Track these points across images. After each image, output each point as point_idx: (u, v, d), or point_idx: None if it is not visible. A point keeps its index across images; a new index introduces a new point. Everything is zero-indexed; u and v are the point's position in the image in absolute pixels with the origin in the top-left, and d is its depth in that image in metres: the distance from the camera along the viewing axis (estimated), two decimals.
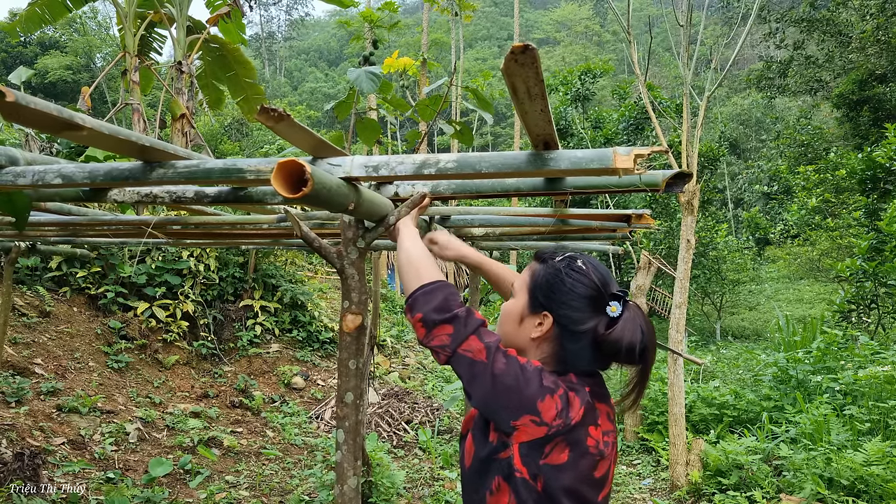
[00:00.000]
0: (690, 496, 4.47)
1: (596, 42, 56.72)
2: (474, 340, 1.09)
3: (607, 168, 1.11)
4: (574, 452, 1.09)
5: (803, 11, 17.37)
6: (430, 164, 1.21)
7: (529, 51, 0.88)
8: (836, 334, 6.25)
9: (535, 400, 1.06)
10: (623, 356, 1.12)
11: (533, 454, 1.08)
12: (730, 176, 27.34)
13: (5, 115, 0.94)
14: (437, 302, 1.12)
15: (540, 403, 1.06)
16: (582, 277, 1.16)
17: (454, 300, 1.13)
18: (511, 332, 1.23)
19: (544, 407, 1.06)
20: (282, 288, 7.53)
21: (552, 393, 1.07)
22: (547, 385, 1.08)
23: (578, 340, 1.15)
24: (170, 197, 1.51)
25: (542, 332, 1.17)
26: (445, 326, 1.09)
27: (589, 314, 1.15)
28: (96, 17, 33.19)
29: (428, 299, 1.13)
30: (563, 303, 1.16)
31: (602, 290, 1.16)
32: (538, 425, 1.06)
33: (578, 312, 1.15)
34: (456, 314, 1.10)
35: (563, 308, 1.15)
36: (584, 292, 1.15)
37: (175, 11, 8.11)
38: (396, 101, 3.62)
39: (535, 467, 1.08)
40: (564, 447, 1.09)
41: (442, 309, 1.11)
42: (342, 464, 1.44)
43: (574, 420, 1.08)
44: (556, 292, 1.17)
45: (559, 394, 1.08)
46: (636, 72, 5.18)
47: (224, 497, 4.12)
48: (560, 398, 1.08)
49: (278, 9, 76.11)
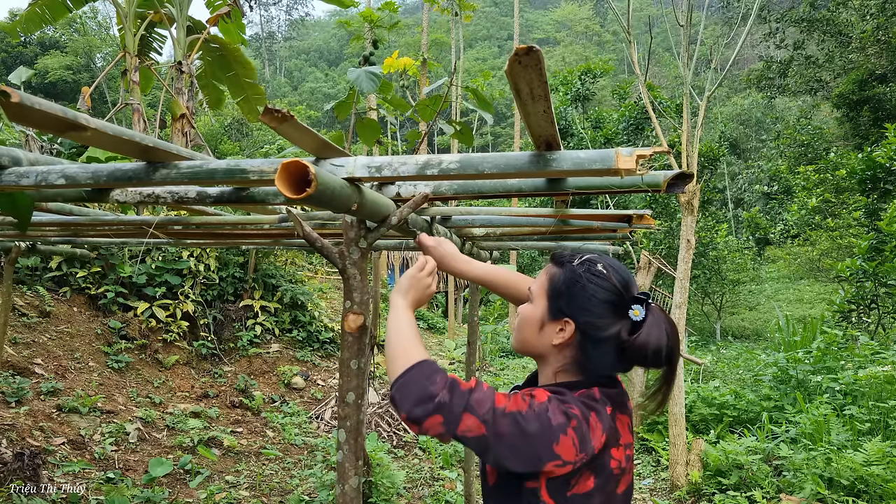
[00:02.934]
0: (690, 496, 4.47)
1: (596, 42, 56.73)
2: (468, 418, 1.00)
3: (609, 169, 1.11)
4: (600, 479, 1.07)
5: (803, 11, 17.37)
6: (432, 164, 1.21)
7: (533, 52, 0.88)
8: (836, 334, 6.25)
9: (551, 446, 1.01)
10: (650, 360, 1.09)
11: (560, 487, 1.05)
12: (730, 176, 27.35)
13: (11, 115, 0.94)
14: (416, 394, 1.02)
15: (556, 447, 1.01)
16: (603, 282, 1.12)
17: (432, 382, 1.03)
18: (531, 338, 1.19)
19: (562, 449, 1.01)
20: (282, 288, 7.53)
21: (565, 429, 1.02)
22: (558, 423, 1.02)
23: (602, 346, 1.11)
24: (172, 197, 1.52)
25: (563, 338, 1.14)
26: (434, 417, 1.00)
27: (611, 319, 1.11)
28: (96, 17, 33.19)
29: (406, 393, 1.03)
30: (584, 309, 1.12)
31: (624, 293, 1.12)
32: (562, 466, 1.02)
33: (601, 318, 1.11)
34: (438, 402, 1.00)
35: (585, 314, 1.11)
36: (605, 297, 1.11)
37: (175, 11, 8.11)
38: (396, 101, 3.63)
39: (563, 499, 1.05)
40: (590, 475, 1.06)
41: (423, 400, 1.01)
42: (343, 463, 1.44)
43: (597, 448, 1.05)
44: (576, 298, 1.12)
45: (573, 426, 1.03)
46: (636, 72, 5.18)
47: (224, 497, 4.12)
48: (575, 430, 1.02)
49: (278, 9, 76.15)
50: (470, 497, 3.51)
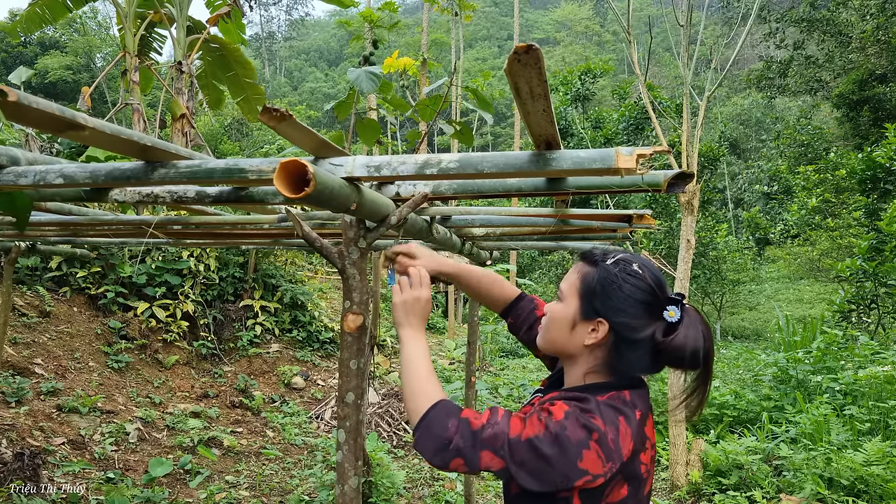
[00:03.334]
0: (690, 496, 4.47)
1: (596, 42, 56.75)
2: (486, 455, 1.01)
3: (610, 168, 1.10)
4: (632, 486, 1.06)
5: (803, 11, 17.37)
6: (432, 164, 1.20)
7: (533, 51, 0.88)
8: (836, 334, 6.25)
9: (575, 464, 0.99)
10: (687, 362, 1.07)
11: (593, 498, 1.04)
12: (730, 176, 27.35)
13: (8, 114, 0.94)
14: (434, 444, 1.04)
15: (581, 464, 0.99)
16: (639, 282, 1.10)
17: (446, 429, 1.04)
18: (561, 338, 1.17)
19: (588, 464, 0.99)
20: (282, 288, 7.53)
21: (587, 443, 0.99)
22: (577, 439, 0.99)
23: (637, 348, 1.09)
24: (171, 197, 1.51)
25: (596, 339, 1.12)
26: (456, 460, 1.03)
27: (647, 320, 1.09)
28: (96, 17, 33.19)
29: (425, 444, 1.05)
30: (619, 310, 1.09)
31: (659, 294, 1.10)
32: (593, 481, 1.00)
33: (637, 319, 1.09)
34: (455, 448, 1.02)
35: (621, 315, 1.09)
36: (641, 298, 1.09)
37: (175, 11, 8.10)
38: (396, 101, 3.62)
39: None
40: (623, 484, 1.05)
41: (440, 449, 1.03)
42: (343, 464, 1.44)
43: (626, 456, 1.03)
44: (612, 298, 1.10)
45: (594, 439, 1.00)
46: (636, 72, 5.18)
47: (224, 497, 4.12)
48: (598, 443, 1.00)
49: (278, 9, 76.17)
50: (470, 497, 3.50)
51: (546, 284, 16.64)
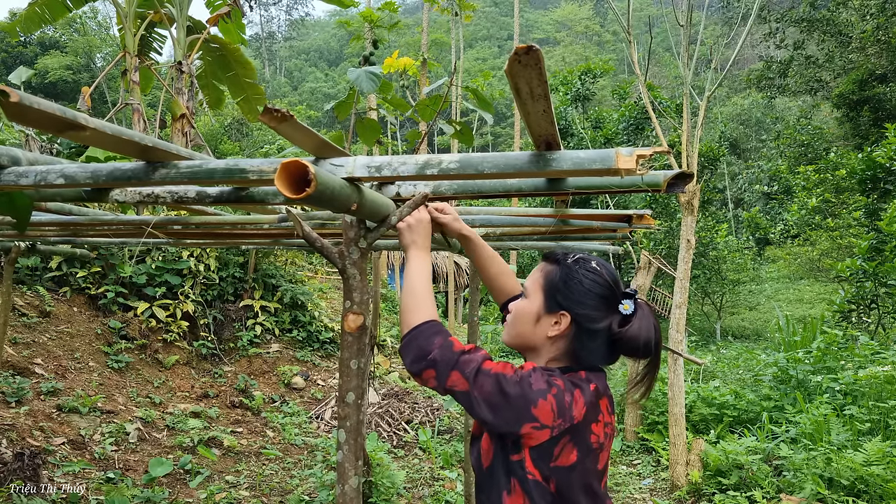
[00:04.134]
0: (690, 496, 4.47)
1: (596, 42, 56.76)
2: (455, 375, 1.13)
3: (610, 169, 1.11)
4: (581, 452, 1.15)
5: (803, 11, 17.38)
6: (432, 164, 1.20)
7: (533, 52, 0.88)
8: (836, 334, 6.25)
9: (529, 408, 1.09)
10: (641, 351, 1.19)
11: (543, 457, 1.12)
12: (730, 176, 27.35)
13: (10, 115, 0.94)
14: (415, 352, 1.17)
15: (534, 409, 1.09)
16: (597, 277, 1.22)
17: (430, 343, 1.17)
18: (526, 332, 1.28)
19: (540, 412, 1.09)
20: (282, 288, 7.52)
21: (545, 394, 1.10)
22: (538, 388, 1.11)
23: (595, 338, 1.21)
24: (171, 197, 1.51)
25: (559, 330, 1.22)
26: (428, 371, 1.15)
27: (604, 312, 1.21)
28: (96, 17, 33.20)
29: (408, 350, 1.19)
30: (580, 302, 1.21)
31: (615, 289, 1.22)
32: (540, 430, 1.10)
33: (595, 311, 1.20)
34: (432, 359, 1.15)
35: (581, 307, 1.21)
36: (600, 292, 1.21)
37: (175, 11, 8.10)
38: (396, 101, 3.62)
39: (547, 469, 1.12)
40: (572, 448, 1.14)
41: (420, 358, 1.16)
42: (343, 464, 1.44)
43: (577, 419, 1.13)
44: (573, 292, 1.22)
45: (553, 393, 1.11)
46: (636, 72, 5.18)
47: (224, 497, 4.12)
48: (555, 397, 1.11)
49: (278, 9, 76.17)
50: (470, 497, 3.50)
51: None
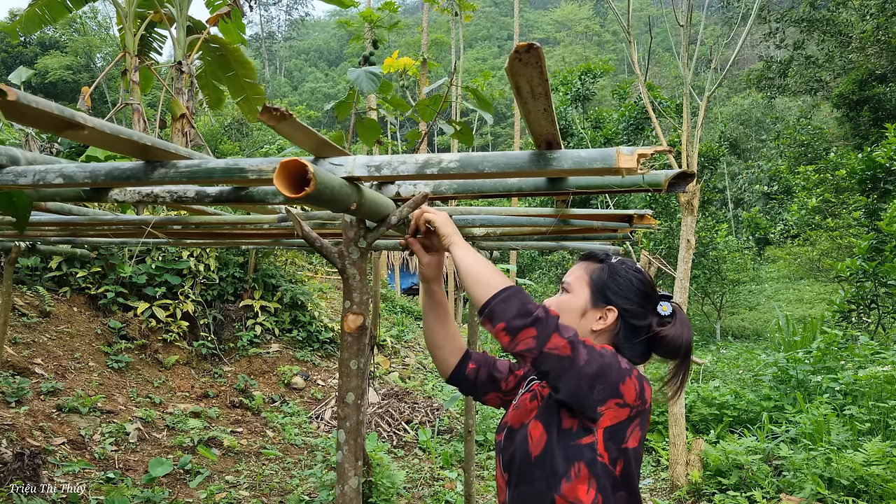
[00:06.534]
0: (690, 496, 4.47)
1: (596, 42, 56.76)
2: (557, 338, 1.11)
3: (610, 168, 1.10)
4: (642, 436, 1.19)
5: (803, 11, 17.38)
6: (432, 163, 1.20)
7: (534, 50, 0.87)
8: (836, 334, 6.25)
9: (618, 384, 1.12)
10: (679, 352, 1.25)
11: (616, 438, 1.14)
12: (730, 176, 27.35)
13: (7, 114, 0.94)
14: (517, 308, 1.12)
15: (622, 386, 1.12)
16: (642, 276, 1.29)
17: (530, 302, 1.14)
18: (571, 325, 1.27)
19: (626, 389, 1.13)
20: (282, 288, 7.52)
21: (629, 375, 1.14)
22: (625, 367, 1.15)
23: (637, 334, 1.26)
24: (171, 197, 1.51)
25: (604, 324, 1.26)
26: (529, 330, 1.10)
27: (647, 311, 1.27)
28: (96, 17, 33.19)
29: (506, 307, 1.13)
30: (627, 298, 1.26)
31: (654, 290, 1.29)
32: (622, 407, 1.13)
33: (640, 308, 1.26)
34: (537, 316, 1.11)
35: (628, 303, 1.26)
36: (644, 290, 1.28)
37: (175, 11, 8.10)
38: (396, 101, 3.61)
39: (617, 451, 1.14)
40: (638, 430, 1.17)
41: (523, 314, 1.11)
42: (343, 464, 1.44)
43: (647, 402, 1.18)
44: (621, 288, 1.27)
45: (635, 375, 1.16)
46: (636, 72, 5.18)
47: (224, 497, 4.12)
48: (636, 379, 1.15)
49: (278, 9, 76.17)
50: (470, 497, 3.50)
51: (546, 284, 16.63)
